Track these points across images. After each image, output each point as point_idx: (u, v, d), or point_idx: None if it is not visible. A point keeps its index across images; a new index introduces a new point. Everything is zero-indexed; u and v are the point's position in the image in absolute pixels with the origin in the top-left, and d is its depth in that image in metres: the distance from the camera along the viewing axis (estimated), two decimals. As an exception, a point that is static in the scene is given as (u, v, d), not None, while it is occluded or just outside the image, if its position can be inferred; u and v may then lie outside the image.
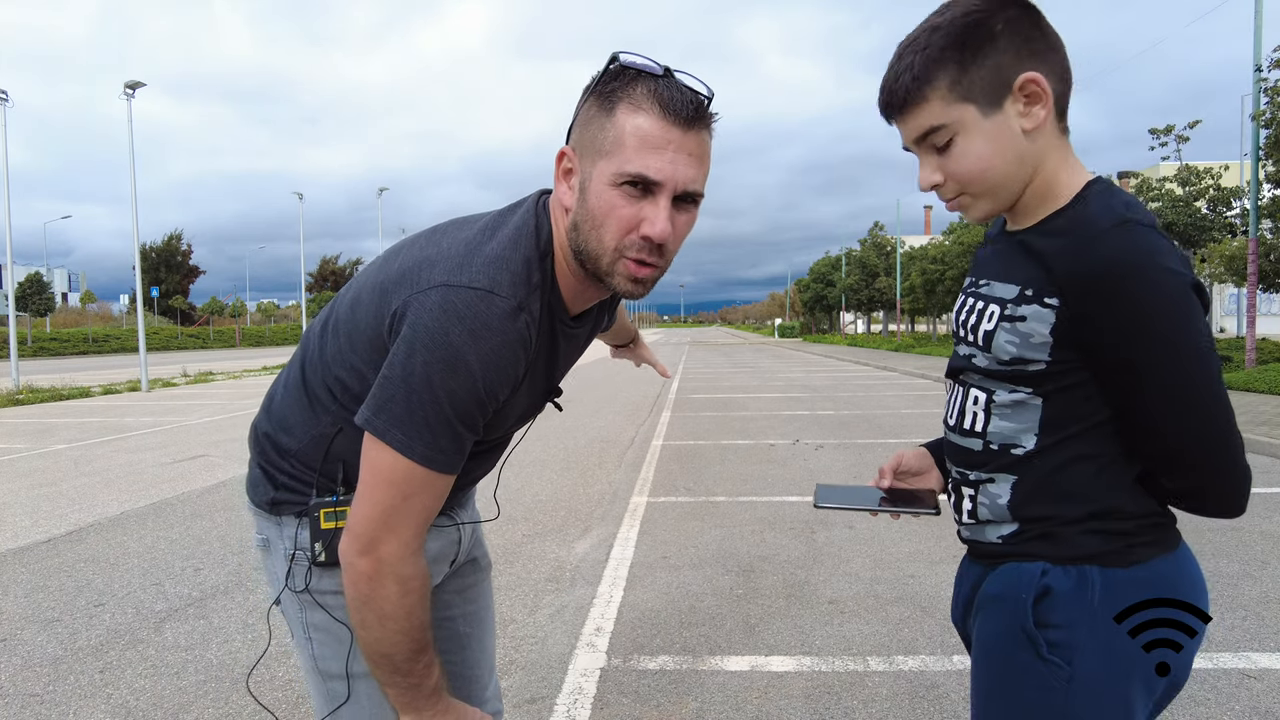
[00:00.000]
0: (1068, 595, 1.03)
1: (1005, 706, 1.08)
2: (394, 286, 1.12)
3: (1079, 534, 1.04)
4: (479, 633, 1.56)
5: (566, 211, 1.14)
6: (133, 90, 18.38)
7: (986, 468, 1.10)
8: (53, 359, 42.24)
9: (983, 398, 1.09)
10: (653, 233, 1.06)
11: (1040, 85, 0.99)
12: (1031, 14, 1.01)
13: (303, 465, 1.28)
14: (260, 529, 1.35)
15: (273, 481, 1.30)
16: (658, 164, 1.04)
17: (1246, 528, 4.85)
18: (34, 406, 14.37)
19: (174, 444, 9.24)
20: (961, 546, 1.25)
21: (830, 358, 28.89)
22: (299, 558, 1.28)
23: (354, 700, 1.29)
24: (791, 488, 6.29)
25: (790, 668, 3.05)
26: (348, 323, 1.20)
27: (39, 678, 3.08)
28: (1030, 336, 1.01)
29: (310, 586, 1.28)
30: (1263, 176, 15.22)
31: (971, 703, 1.16)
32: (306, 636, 1.31)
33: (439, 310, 1.05)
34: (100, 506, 6.00)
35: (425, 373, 1.04)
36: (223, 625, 3.58)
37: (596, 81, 1.10)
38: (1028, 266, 1.03)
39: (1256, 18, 13.29)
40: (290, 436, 1.28)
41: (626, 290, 1.13)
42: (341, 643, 1.28)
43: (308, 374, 1.27)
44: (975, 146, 1.01)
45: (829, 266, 60.68)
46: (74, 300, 78.28)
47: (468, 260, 1.10)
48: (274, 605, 1.37)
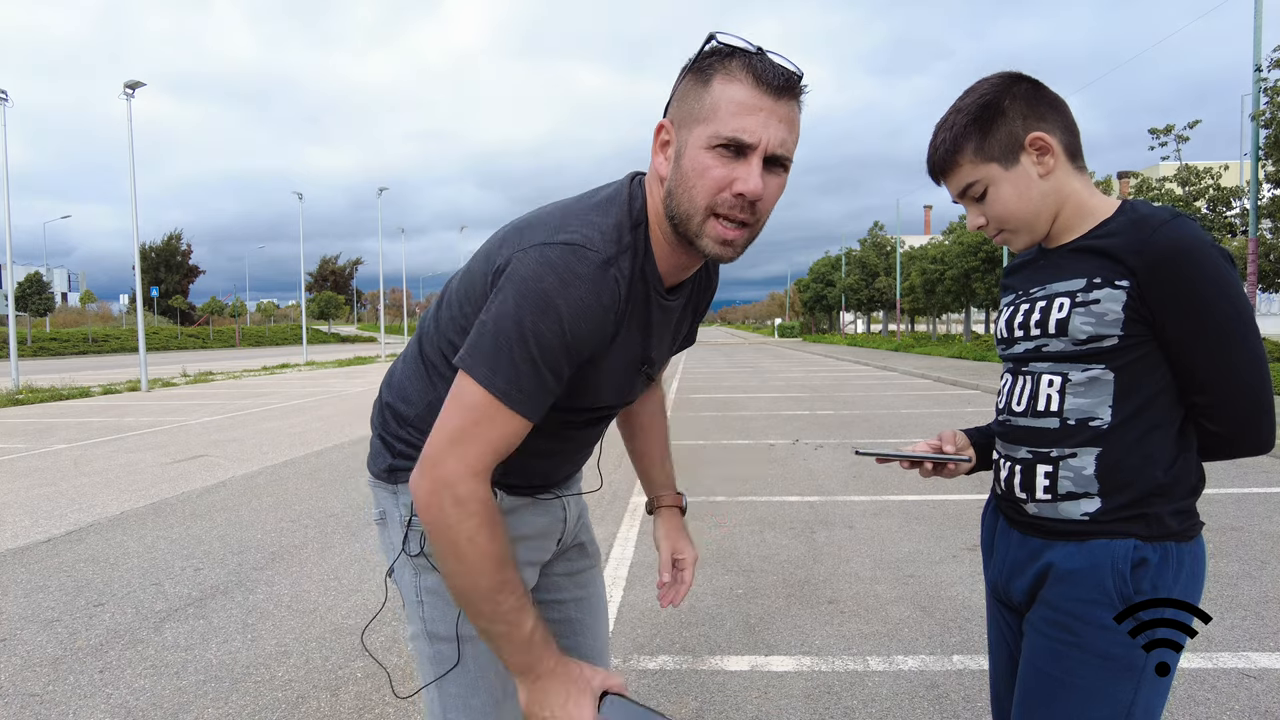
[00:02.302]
0: (1157, 568, 1.21)
1: (1086, 664, 1.22)
2: (497, 249, 1.20)
3: (1165, 515, 1.22)
4: (591, 620, 1.58)
5: (662, 181, 1.20)
6: (132, 90, 18.39)
7: (1067, 443, 1.25)
8: (52, 359, 42.22)
9: (1058, 380, 1.26)
10: (746, 189, 1.12)
11: (1045, 140, 1.25)
12: (1034, 87, 1.27)
13: (419, 432, 1.32)
14: (378, 502, 1.40)
15: (390, 449, 1.37)
16: (751, 125, 1.10)
17: (1246, 528, 4.85)
18: (34, 406, 14.37)
19: (174, 444, 9.24)
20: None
21: (830, 358, 28.90)
22: (415, 523, 1.32)
23: (461, 665, 1.32)
24: (791, 488, 6.30)
25: (790, 668, 3.05)
26: (459, 291, 1.28)
27: (39, 678, 3.08)
28: (1105, 315, 1.20)
29: (425, 549, 1.32)
30: (1262, 176, 15.23)
31: (1028, 665, 1.30)
32: (418, 600, 1.34)
33: (535, 263, 1.12)
34: (100, 506, 6.01)
35: (516, 314, 1.10)
36: (222, 625, 3.58)
37: (694, 59, 1.16)
38: (1090, 262, 1.24)
39: (1256, 18, 13.30)
40: (408, 405, 1.35)
41: (716, 252, 1.17)
42: (451, 605, 1.29)
43: (424, 346, 1.35)
44: (1004, 194, 1.28)
45: (829, 266, 60.70)
46: (74, 300, 78.33)
47: (563, 223, 1.17)
48: (389, 576, 1.40)
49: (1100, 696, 1.22)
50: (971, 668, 3.01)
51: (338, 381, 20.16)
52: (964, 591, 3.82)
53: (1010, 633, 1.43)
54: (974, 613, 3.55)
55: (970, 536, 4.63)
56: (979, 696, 2.79)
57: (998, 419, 1.38)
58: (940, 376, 17.75)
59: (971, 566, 4.15)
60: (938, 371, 19.21)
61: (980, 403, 12.50)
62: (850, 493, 6.08)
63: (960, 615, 3.53)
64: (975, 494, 5.83)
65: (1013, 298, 1.38)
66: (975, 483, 5.99)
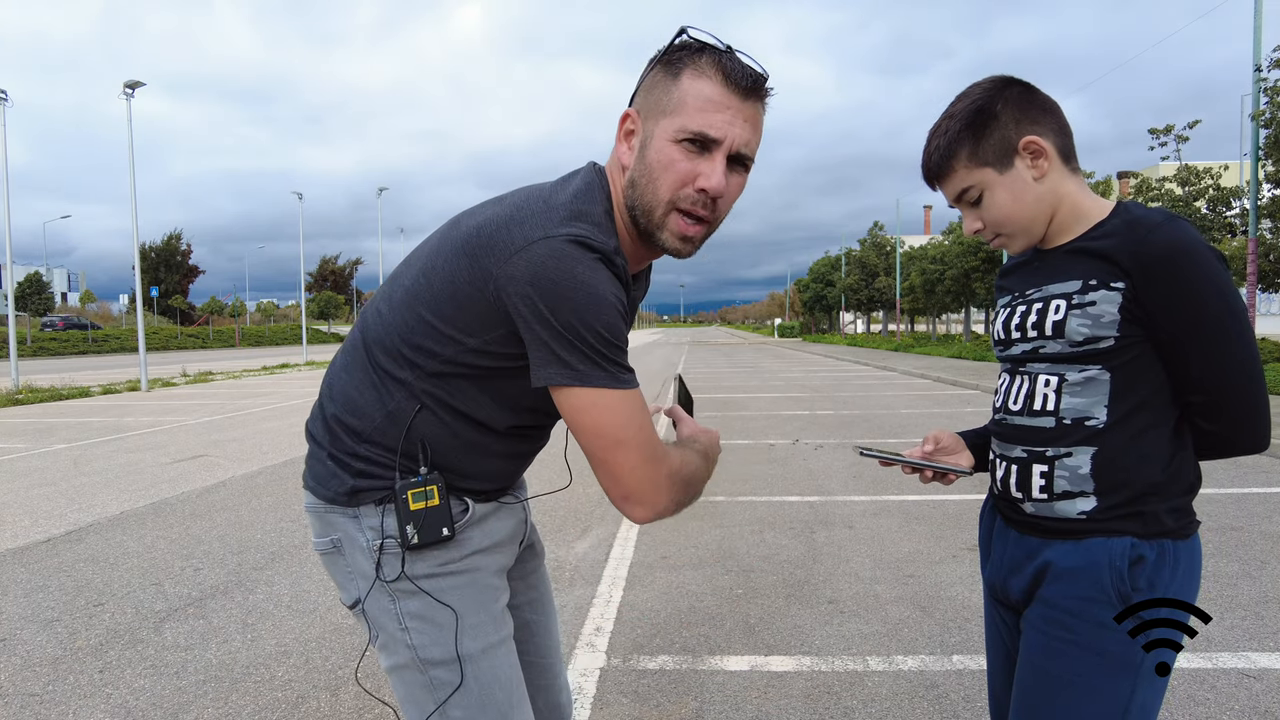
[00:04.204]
0: (1154, 565, 1.22)
1: (1083, 661, 1.23)
2: (483, 249, 1.14)
3: (1161, 512, 1.23)
4: (544, 619, 1.54)
5: (624, 170, 1.20)
6: (132, 90, 18.37)
7: (1063, 442, 1.26)
8: (52, 359, 42.19)
9: (1054, 380, 1.27)
10: (709, 185, 1.14)
11: (1039, 143, 1.25)
12: (1025, 90, 1.28)
13: (380, 448, 1.25)
14: (326, 530, 1.29)
15: (347, 469, 1.26)
16: (718, 122, 1.12)
17: (1246, 528, 4.85)
18: (33, 406, 14.35)
19: (173, 444, 9.24)
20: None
21: (830, 358, 28.89)
22: (388, 546, 1.24)
23: (464, 687, 1.25)
24: (791, 488, 6.30)
25: (790, 667, 3.05)
26: (426, 294, 1.20)
27: (38, 678, 3.08)
28: (1101, 317, 1.21)
29: (406, 572, 1.24)
30: (1262, 176, 15.22)
31: (1026, 663, 1.30)
32: (402, 628, 1.25)
33: (553, 259, 1.09)
34: (100, 506, 6.00)
35: (579, 317, 1.08)
36: (222, 625, 3.58)
37: (664, 52, 1.17)
38: (1086, 264, 1.24)
39: (1256, 18, 13.30)
40: (361, 419, 1.26)
41: (675, 247, 1.20)
42: (444, 626, 1.24)
43: (374, 353, 1.26)
44: (999, 198, 1.28)
45: (829, 266, 60.69)
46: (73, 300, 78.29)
47: (551, 215, 1.14)
48: (354, 608, 1.30)
49: (1097, 693, 1.22)
50: (971, 668, 3.01)
51: (337, 381, 20.13)
52: (964, 591, 3.82)
53: (1008, 631, 1.43)
54: (973, 613, 3.55)
55: (970, 536, 4.63)
56: (978, 696, 2.79)
57: (994, 419, 1.40)
58: (940, 376, 17.75)
59: (971, 566, 4.15)
60: (937, 371, 19.21)
61: (980, 403, 12.50)
62: (850, 493, 6.08)
63: (960, 615, 3.53)
64: (975, 494, 5.83)
65: (1009, 299, 1.39)
66: (975, 483, 5.99)
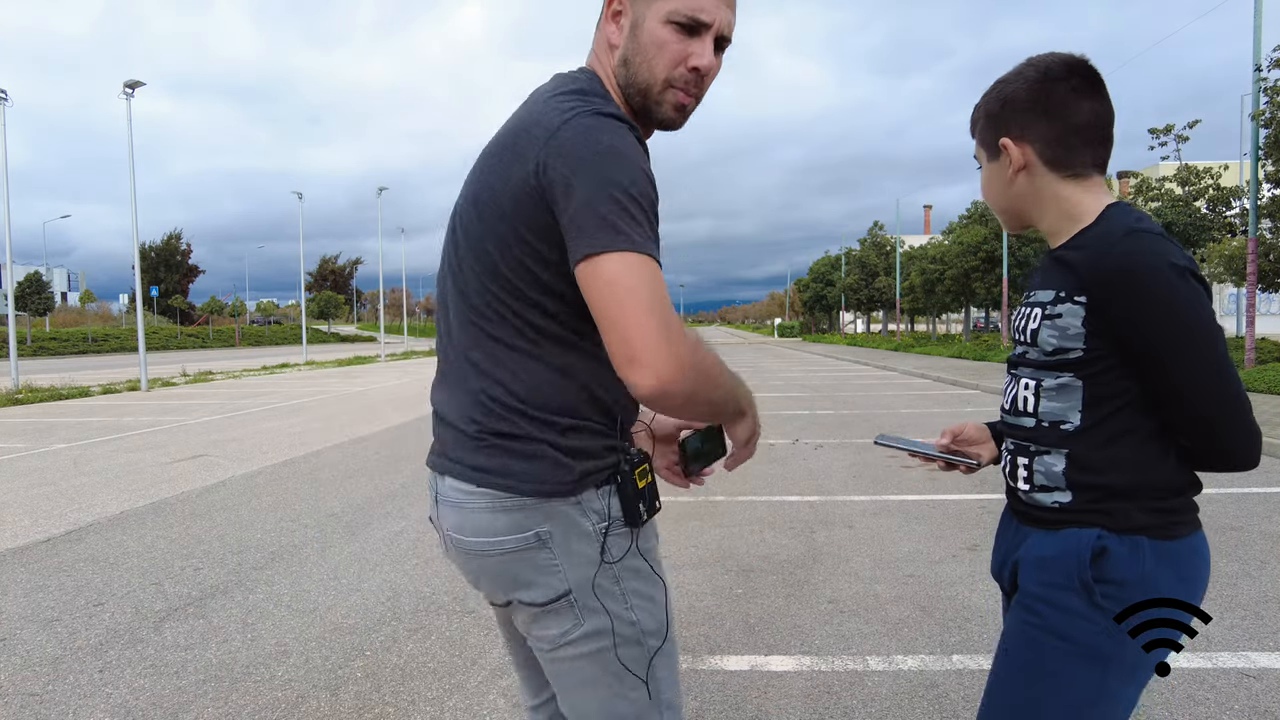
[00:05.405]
0: (1123, 558, 1.23)
1: (1050, 647, 1.25)
2: (524, 151, 1.14)
3: (1133, 510, 1.24)
4: None
5: (612, 49, 1.26)
6: (132, 90, 18.37)
7: (1041, 442, 1.31)
8: (52, 358, 42.21)
9: (1033, 384, 1.32)
10: (701, 64, 1.22)
11: (1007, 148, 1.31)
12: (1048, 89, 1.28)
13: (582, 421, 1.20)
14: (526, 525, 1.20)
15: (573, 455, 1.19)
16: (708, 5, 1.20)
17: (1246, 528, 4.85)
18: (33, 406, 14.36)
19: (173, 444, 9.24)
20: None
21: (830, 357, 28.89)
22: (615, 526, 1.22)
23: (663, 649, 1.27)
24: (791, 487, 6.30)
25: (790, 667, 3.05)
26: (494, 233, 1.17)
27: (38, 677, 3.08)
28: (1067, 330, 1.25)
29: (635, 545, 1.24)
30: (1262, 176, 15.22)
31: (999, 645, 1.33)
32: (626, 606, 1.23)
33: (579, 134, 1.10)
34: (99, 506, 6.00)
35: (605, 176, 1.08)
36: (222, 625, 3.58)
37: None
38: (1060, 275, 1.28)
39: (1256, 18, 13.30)
40: (537, 394, 1.18)
41: (670, 119, 1.26)
42: (656, 597, 1.27)
43: (490, 328, 1.20)
44: (984, 178, 1.41)
45: (829, 266, 60.70)
46: (73, 300, 78.28)
47: (564, 103, 1.16)
48: (559, 600, 1.22)
49: (1058, 678, 1.23)
50: (971, 668, 3.01)
51: (337, 381, 20.15)
52: (964, 591, 3.82)
53: None
54: (974, 612, 3.55)
55: (970, 536, 4.62)
56: (979, 696, 2.78)
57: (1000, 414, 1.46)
58: (940, 376, 17.75)
59: (971, 566, 4.15)
60: (937, 371, 19.21)
61: (979, 402, 12.50)
62: (850, 492, 6.08)
63: (960, 615, 3.53)
64: (975, 494, 5.83)
65: (1024, 296, 1.44)
66: (975, 483, 6.00)
